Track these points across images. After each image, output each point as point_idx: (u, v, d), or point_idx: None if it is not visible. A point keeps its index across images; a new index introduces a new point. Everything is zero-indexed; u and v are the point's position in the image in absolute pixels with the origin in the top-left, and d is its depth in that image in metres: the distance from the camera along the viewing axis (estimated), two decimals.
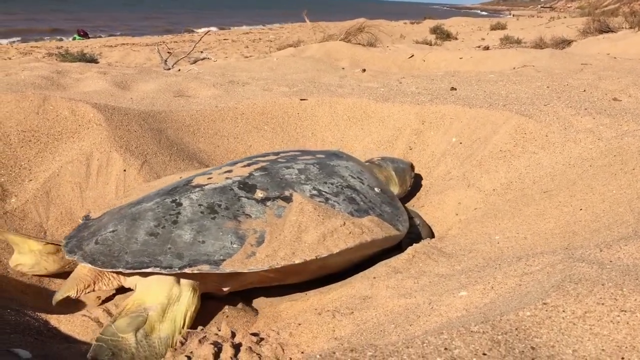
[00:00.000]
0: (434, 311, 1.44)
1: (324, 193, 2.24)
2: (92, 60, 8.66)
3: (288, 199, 2.14)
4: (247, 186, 2.17)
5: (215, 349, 1.66)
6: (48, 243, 2.24)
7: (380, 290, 1.79)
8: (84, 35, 21.17)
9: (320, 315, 1.76)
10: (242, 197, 2.11)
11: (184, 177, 2.39)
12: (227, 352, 1.66)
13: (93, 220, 2.22)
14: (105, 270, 1.96)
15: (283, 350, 1.67)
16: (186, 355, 1.69)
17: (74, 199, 2.77)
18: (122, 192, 2.76)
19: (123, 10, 49.09)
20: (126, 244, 1.93)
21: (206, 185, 2.15)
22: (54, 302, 2.03)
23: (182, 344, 1.77)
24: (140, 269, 1.86)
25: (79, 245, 2.01)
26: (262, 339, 1.74)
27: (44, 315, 2.00)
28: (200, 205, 2.05)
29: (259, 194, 2.14)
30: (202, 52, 11.65)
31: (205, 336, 1.78)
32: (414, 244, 2.16)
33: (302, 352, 1.65)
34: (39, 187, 2.77)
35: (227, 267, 1.86)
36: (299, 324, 1.77)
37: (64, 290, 2.06)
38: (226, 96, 4.27)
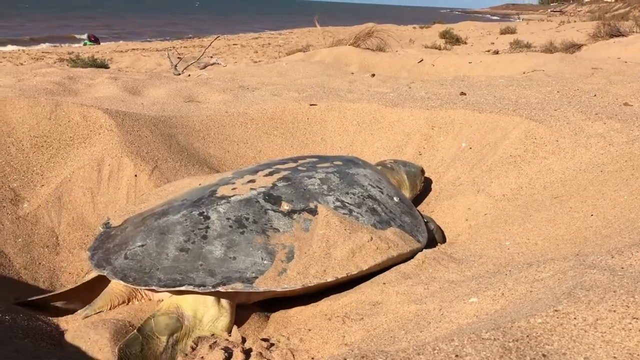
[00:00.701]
0: (444, 317, 1.44)
1: (347, 204, 2.25)
2: (103, 65, 8.71)
3: (313, 212, 2.15)
4: (272, 198, 2.17)
5: (226, 354, 1.67)
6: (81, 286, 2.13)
7: (390, 296, 1.79)
8: (95, 40, 21.36)
9: (331, 321, 1.76)
10: (268, 209, 2.11)
11: (202, 182, 2.39)
12: (237, 357, 1.67)
13: (115, 228, 2.20)
14: (137, 287, 1.96)
15: (293, 355, 1.67)
16: None
17: (86, 204, 2.80)
18: (133, 197, 2.78)
19: (149, 17, 49.01)
20: (157, 260, 1.93)
21: (232, 196, 2.15)
22: (83, 317, 2.01)
23: (193, 349, 1.78)
24: (173, 287, 1.85)
25: (106, 259, 1.99)
26: (272, 345, 1.75)
27: (55, 320, 2.02)
28: (228, 219, 2.04)
29: (285, 207, 2.14)
30: (211, 57, 11.70)
31: (215, 341, 1.79)
32: (424, 250, 2.16)
33: (312, 358, 1.66)
34: (51, 192, 2.80)
35: (260, 286, 1.86)
36: (309, 330, 1.77)
37: (97, 306, 2.03)
38: (236, 101, 4.29)
